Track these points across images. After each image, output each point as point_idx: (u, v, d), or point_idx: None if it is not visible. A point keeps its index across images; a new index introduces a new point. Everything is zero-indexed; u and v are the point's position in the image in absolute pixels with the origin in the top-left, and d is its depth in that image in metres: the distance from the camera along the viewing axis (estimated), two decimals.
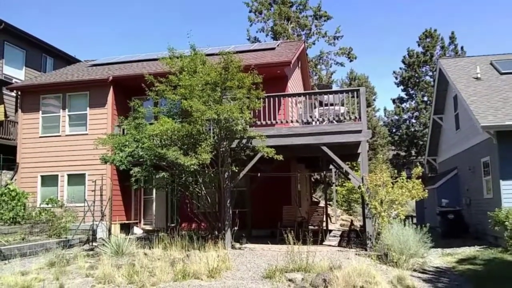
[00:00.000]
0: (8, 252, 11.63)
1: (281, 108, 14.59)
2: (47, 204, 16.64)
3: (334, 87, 36.53)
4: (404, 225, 10.29)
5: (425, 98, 38.22)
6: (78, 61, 25.81)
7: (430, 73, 38.28)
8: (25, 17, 68.03)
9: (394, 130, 40.82)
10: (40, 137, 18.42)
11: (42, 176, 18.11)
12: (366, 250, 11.41)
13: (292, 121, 14.55)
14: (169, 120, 12.04)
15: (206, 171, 12.77)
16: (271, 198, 16.06)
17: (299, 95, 14.99)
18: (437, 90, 20.60)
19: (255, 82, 12.14)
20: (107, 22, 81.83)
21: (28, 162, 18.32)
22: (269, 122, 13.04)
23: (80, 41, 76.62)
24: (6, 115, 21.62)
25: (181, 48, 14.27)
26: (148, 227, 18.04)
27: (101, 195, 16.69)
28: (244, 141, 12.57)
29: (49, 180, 18.03)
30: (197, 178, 13.15)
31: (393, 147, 40.83)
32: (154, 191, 17.84)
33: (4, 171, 19.04)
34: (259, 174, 14.28)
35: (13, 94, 21.14)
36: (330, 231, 18.00)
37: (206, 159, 11.44)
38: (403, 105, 40.36)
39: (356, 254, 11.05)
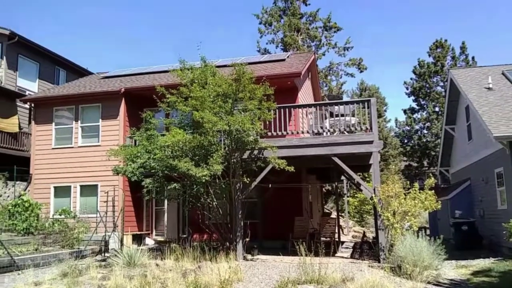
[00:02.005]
0: (22, 262, 11.70)
1: (291, 119, 14.60)
2: (60, 215, 16.75)
3: (345, 98, 36.40)
4: (418, 236, 10.20)
5: (437, 109, 37.99)
6: (90, 73, 26.13)
7: (441, 84, 38.08)
8: (39, 30, 69.10)
9: (405, 141, 40.57)
10: (53, 148, 18.61)
11: (55, 187, 18.26)
12: (379, 262, 11.31)
13: (303, 132, 14.55)
14: (181, 131, 12.11)
15: (217, 182, 12.78)
16: (282, 209, 16.01)
17: (309, 106, 15.01)
18: (449, 100, 20.49)
19: (266, 94, 12.19)
20: (115, 31, 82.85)
21: (41, 173, 18.50)
22: (280, 133, 13.05)
23: (94, 54, 77.57)
24: (20, 127, 21.94)
25: (191, 58, 14.41)
26: (159, 238, 18.06)
27: (113, 206, 16.77)
28: (255, 152, 12.59)
29: (62, 191, 18.17)
30: (209, 189, 13.17)
31: (405, 158, 40.56)
32: (165, 202, 17.89)
33: (17, 182, 19.24)
34: (270, 185, 14.27)
35: (27, 106, 21.45)
36: (342, 242, 17.88)
37: (217, 170, 11.47)
38: (414, 116, 40.13)
39: (369, 266, 10.96)
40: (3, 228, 15.39)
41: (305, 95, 19.26)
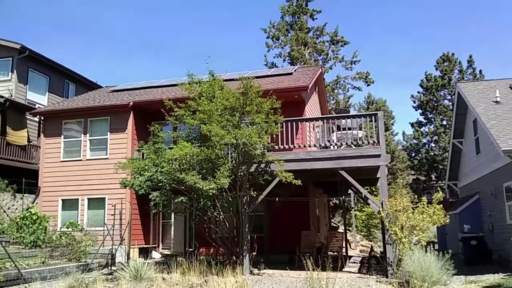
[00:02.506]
0: (29, 275, 11.72)
1: (299, 132, 14.62)
2: (68, 227, 16.79)
3: (352, 112, 36.44)
4: (426, 251, 10.12)
5: (444, 122, 37.89)
6: (99, 86, 26.39)
7: (449, 97, 38.04)
8: (49, 43, 69.99)
9: (413, 154, 40.41)
10: (62, 161, 18.73)
11: (63, 200, 18.34)
12: (387, 277, 11.20)
13: (310, 146, 14.57)
14: (188, 144, 12.16)
15: (225, 196, 12.79)
16: (289, 223, 15.96)
17: (316, 119, 15.03)
18: (456, 114, 20.42)
19: (274, 107, 12.23)
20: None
21: (49, 186, 18.59)
22: (287, 147, 13.07)
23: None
24: (29, 140, 22.14)
25: (199, 72, 14.51)
26: (166, 252, 18.03)
27: (121, 219, 16.80)
28: (262, 165, 12.59)
29: (70, 204, 18.24)
30: (215, 202, 13.17)
31: (412, 172, 40.35)
32: (172, 215, 17.90)
33: (26, 195, 19.35)
34: (277, 199, 14.25)
35: (36, 119, 21.65)
36: (350, 257, 17.74)
37: (224, 184, 11.49)
38: (422, 129, 40.04)
39: (377, 281, 10.86)
40: (10, 241, 15.44)
41: (312, 108, 19.30)
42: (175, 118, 13.14)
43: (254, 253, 13.23)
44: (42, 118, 20.05)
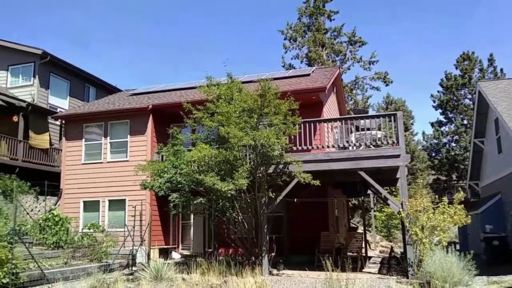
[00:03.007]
0: (52, 276, 11.93)
1: (317, 133, 14.58)
2: (89, 229, 17.05)
3: (371, 112, 36.18)
4: (447, 252, 10.01)
5: (465, 121, 37.37)
6: (119, 90, 26.75)
7: (469, 96, 37.51)
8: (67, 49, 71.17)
9: (433, 154, 39.94)
10: (83, 164, 19.03)
11: (84, 202, 18.63)
12: (407, 277, 11.11)
13: (328, 146, 14.53)
14: (207, 146, 12.24)
15: (243, 197, 12.84)
16: (308, 223, 15.93)
17: (335, 120, 14.97)
18: (477, 113, 20.16)
19: (291, 108, 12.25)
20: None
21: (71, 188, 18.91)
22: (305, 148, 13.06)
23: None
24: (51, 143, 22.57)
25: (217, 74, 14.59)
26: (186, 252, 18.17)
27: (141, 220, 16.99)
28: (280, 166, 12.62)
29: (91, 206, 18.52)
30: (234, 203, 13.23)
31: (433, 172, 39.87)
32: (192, 216, 18.02)
33: (48, 197, 19.72)
34: (295, 200, 14.25)
35: (58, 123, 22.04)
36: (370, 257, 17.62)
37: (243, 185, 11.54)
38: (442, 129, 39.55)
39: (397, 282, 10.78)
40: (34, 242, 15.73)
41: (330, 109, 19.25)
42: (193, 121, 13.25)
43: (273, 254, 13.24)
44: (63, 121, 20.39)
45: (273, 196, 12.44)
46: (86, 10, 70.66)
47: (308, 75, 19.74)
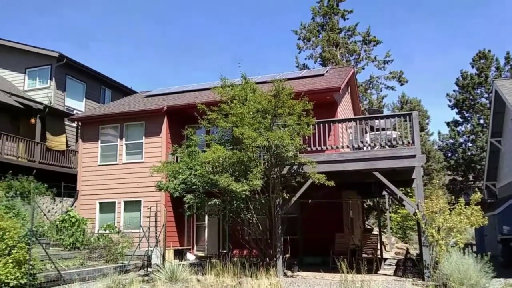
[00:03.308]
0: (68, 276, 12.04)
1: (331, 133, 14.53)
2: (105, 230, 17.22)
3: (385, 112, 35.91)
4: (464, 253, 9.89)
5: (482, 121, 36.87)
6: (134, 92, 26.96)
7: (486, 95, 36.99)
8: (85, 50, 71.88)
9: (449, 154, 39.47)
10: (99, 165, 19.21)
11: (100, 203, 18.81)
12: (423, 279, 11.00)
13: (342, 147, 14.45)
14: (221, 147, 12.27)
15: (257, 198, 12.83)
16: (322, 225, 15.87)
17: (349, 120, 14.87)
18: (494, 112, 19.88)
19: (306, 109, 12.21)
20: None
21: (87, 189, 19.12)
22: (319, 148, 13.01)
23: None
24: (67, 145, 22.84)
25: (231, 75, 14.61)
26: (200, 253, 18.22)
27: (156, 221, 17.10)
28: (294, 167, 12.59)
29: (107, 207, 18.69)
30: (248, 204, 13.23)
31: (449, 172, 39.41)
32: (206, 217, 18.07)
33: (65, 198, 19.95)
34: (310, 201, 14.20)
35: (74, 124, 22.31)
36: (385, 259, 17.47)
37: (257, 185, 11.53)
38: (458, 128, 39.08)
39: (413, 284, 10.69)
40: (50, 243, 15.93)
41: (344, 109, 19.16)
42: (208, 122, 13.28)
43: (287, 255, 13.22)
44: (79, 123, 20.62)
45: (287, 197, 12.42)
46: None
47: (322, 75, 19.68)
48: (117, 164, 18.91)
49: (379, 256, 16.31)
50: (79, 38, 75.73)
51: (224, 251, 16.78)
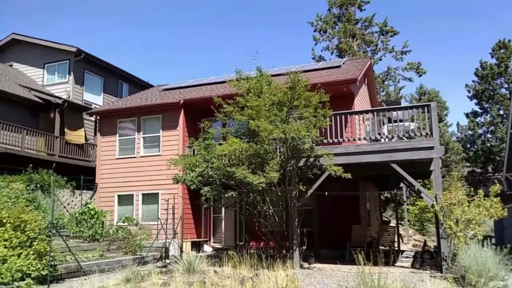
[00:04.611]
0: (88, 268, 12.26)
1: (348, 125, 14.45)
2: (123, 222, 17.45)
3: (403, 103, 35.53)
4: (482, 245, 9.78)
5: (501, 112, 36.25)
6: (151, 86, 27.15)
7: (506, 85, 36.33)
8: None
9: (468, 146, 38.98)
10: (117, 158, 19.44)
11: (118, 196, 19.05)
12: (441, 272, 10.93)
13: (359, 139, 14.36)
14: (237, 140, 12.30)
15: (274, 190, 12.85)
16: (339, 217, 15.84)
17: (366, 112, 14.76)
18: None
19: (322, 101, 12.15)
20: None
21: (106, 182, 19.37)
22: (336, 140, 12.95)
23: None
24: (86, 139, 23.14)
25: (247, 68, 14.61)
26: (217, 245, 18.36)
27: (173, 213, 17.26)
28: (311, 159, 12.56)
29: (125, 199, 18.92)
30: (265, 197, 13.26)
31: (468, 164, 38.92)
32: (223, 209, 18.19)
33: (84, 191, 20.26)
34: (326, 193, 14.18)
35: (92, 118, 22.57)
36: (402, 251, 17.38)
37: (273, 178, 11.54)
38: (477, 120, 38.51)
39: (431, 276, 10.61)
40: (70, 235, 16.20)
41: (361, 101, 19.01)
42: (224, 115, 13.33)
43: (304, 247, 13.24)
44: (98, 117, 20.85)
45: (303, 190, 12.40)
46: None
47: (339, 66, 19.54)
48: (135, 157, 19.10)
49: (396, 248, 16.23)
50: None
51: (241, 243, 16.88)
